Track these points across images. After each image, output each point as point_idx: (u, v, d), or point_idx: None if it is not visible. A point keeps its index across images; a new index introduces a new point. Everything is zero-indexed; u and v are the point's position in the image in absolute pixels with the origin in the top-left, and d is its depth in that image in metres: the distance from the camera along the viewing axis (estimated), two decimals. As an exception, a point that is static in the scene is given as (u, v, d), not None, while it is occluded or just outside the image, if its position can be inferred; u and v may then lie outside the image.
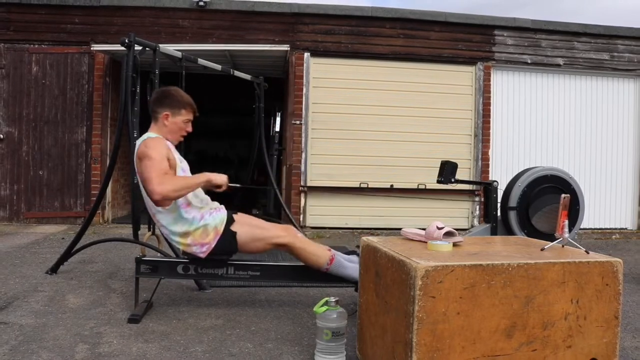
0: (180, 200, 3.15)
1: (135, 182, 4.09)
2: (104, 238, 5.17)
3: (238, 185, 3.32)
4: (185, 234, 3.18)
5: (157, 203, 3.09)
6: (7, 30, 7.33)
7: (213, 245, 3.18)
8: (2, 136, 7.32)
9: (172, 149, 3.28)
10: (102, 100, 7.42)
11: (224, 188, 3.23)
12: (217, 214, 3.25)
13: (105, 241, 4.96)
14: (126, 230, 6.61)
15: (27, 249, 5.46)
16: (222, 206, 3.39)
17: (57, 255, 4.50)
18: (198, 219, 3.18)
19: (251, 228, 3.26)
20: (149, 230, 4.20)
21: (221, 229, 3.19)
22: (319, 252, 3.24)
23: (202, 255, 3.20)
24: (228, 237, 3.19)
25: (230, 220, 3.25)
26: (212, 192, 3.34)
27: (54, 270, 4.30)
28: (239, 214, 3.40)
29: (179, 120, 3.34)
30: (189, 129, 3.42)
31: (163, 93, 3.40)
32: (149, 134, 3.29)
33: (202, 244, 3.18)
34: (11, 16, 7.33)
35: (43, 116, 7.39)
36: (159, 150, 3.12)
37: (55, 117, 7.40)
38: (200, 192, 3.31)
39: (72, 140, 7.42)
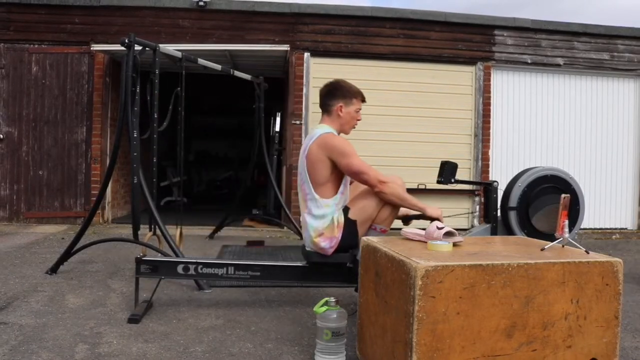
0: (341, 202, 3.21)
1: (135, 181, 4.11)
2: (104, 238, 5.17)
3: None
4: (320, 229, 3.17)
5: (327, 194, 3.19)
6: (7, 30, 7.33)
7: (340, 239, 3.16)
8: (2, 136, 7.31)
9: None
10: (102, 100, 7.41)
11: (440, 221, 3.19)
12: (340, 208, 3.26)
13: (105, 241, 4.95)
14: (126, 230, 6.61)
15: (27, 249, 5.46)
16: None
17: (57, 255, 4.50)
18: (334, 214, 3.19)
19: (360, 208, 3.23)
20: (150, 230, 4.21)
21: (342, 220, 3.19)
22: (388, 221, 3.26)
23: (330, 251, 3.18)
24: (350, 227, 3.17)
25: (347, 210, 3.24)
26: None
27: (53, 270, 4.30)
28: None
29: (352, 110, 3.37)
30: (360, 117, 3.44)
31: (333, 85, 3.42)
32: (328, 129, 3.29)
33: (331, 238, 3.17)
34: (11, 16, 7.33)
35: (43, 116, 7.38)
36: (352, 147, 3.20)
37: (55, 117, 7.40)
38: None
39: (72, 140, 7.42)
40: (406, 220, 3.40)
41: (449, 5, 56.27)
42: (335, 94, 3.35)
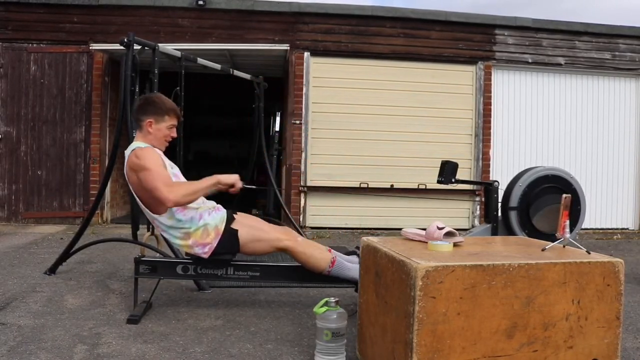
0: (188, 212, 3.17)
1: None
2: (102, 238, 5.15)
3: (254, 186, 3.19)
4: (186, 236, 3.17)
5: (161, 210, 3.15)
6: (5, 30, 7.32)
7: (215, 245, 3.16)
8: (0, 136, 7.30)
9: (161, 155, 3.28)
10: (100, 100, 7.40)
11: (238, 186, 3.18)
12: (216, 214, 3.24)
13: (104, 241, 4.94)
14: (125, 231, 6.59)
15: (25, 249, 5.45)
16: (220, 205, 3.37)
17: (56, 256, 4.48)
18: (197, 219, 3.17)
19: (251, 229, 3.25)
20: (148, 230, 4.19)
21: (222, 228, 3.18)
22: (319, 256, 3.20)
23: (205, 256, 3.18)
24: (229, 236, 3.17)
25: (230, 219, 3.24)
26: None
27: (52, 270, 4.28)
28: (239, 213, 3.39)
29: (163, 127, 3.31)
30: (174, 134, 3.40)
31: (146, 100, 3.39)
32: (137, 144, 3.25)
33: (204, 244, 3.16)
34: (10, 15, 7.32)
35: (41, 116, 7.37)
36: (153, 159, 3.11)
37: (54, 117, 7.39)
38: None
39: (70, 140, 7.40)
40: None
41: (451, 5, 56.11)
42: (147, 109, 3.30)
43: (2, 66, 7.32)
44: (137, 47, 4.16)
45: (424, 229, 2.55)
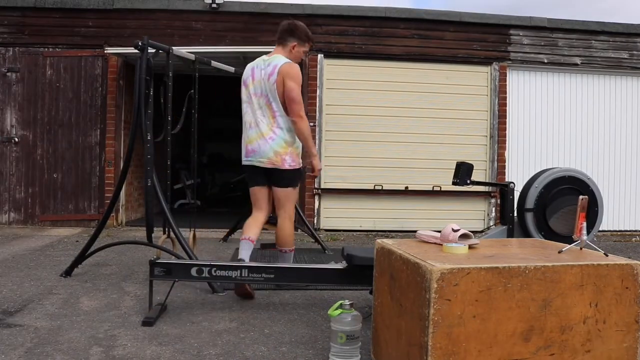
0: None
1: (149, 184, 4.11)
2: (117, 241, 5.16)
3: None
4: (288, 144, 4.06)
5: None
6: (21, 34, 7.39)
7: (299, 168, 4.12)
8: (16, 139, 7.37)
9: None
10: (115, 103, 7.44)
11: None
12: None
13: (119, 244, 4.95)
14: (140, 233, 6.62)
15: (41, 251, 5.49)
16: None
17: (72, 258, 4.52)
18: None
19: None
20: (163, 233, 4.21)
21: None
22: None
23: (292, 166, 4.06)
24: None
25: None
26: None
27: (68, 273, 4.31)
28: None
29: (301, 51, 4.07)
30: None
31: (294, 25, 4.09)
32: (286, 59, 3.93)
33: (296, 161, 4.09)
34: (26, 20, 7.38)
35: (57, 119, 7.43)
36: (300, 77, 3.94)
37: (69, 120, 7.44)
38: None
39: (86, 143, 7.45)
40: None
41: (475, 5, 54.95)
42: (294, 33, 4.02)
43: (18, 70, 7.38)
44: (151, 50, 4.18)
45: (439, 231, 2.53)
